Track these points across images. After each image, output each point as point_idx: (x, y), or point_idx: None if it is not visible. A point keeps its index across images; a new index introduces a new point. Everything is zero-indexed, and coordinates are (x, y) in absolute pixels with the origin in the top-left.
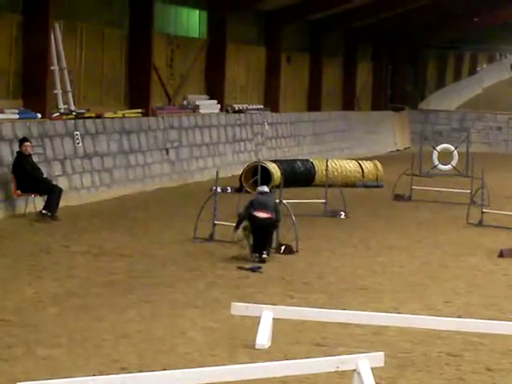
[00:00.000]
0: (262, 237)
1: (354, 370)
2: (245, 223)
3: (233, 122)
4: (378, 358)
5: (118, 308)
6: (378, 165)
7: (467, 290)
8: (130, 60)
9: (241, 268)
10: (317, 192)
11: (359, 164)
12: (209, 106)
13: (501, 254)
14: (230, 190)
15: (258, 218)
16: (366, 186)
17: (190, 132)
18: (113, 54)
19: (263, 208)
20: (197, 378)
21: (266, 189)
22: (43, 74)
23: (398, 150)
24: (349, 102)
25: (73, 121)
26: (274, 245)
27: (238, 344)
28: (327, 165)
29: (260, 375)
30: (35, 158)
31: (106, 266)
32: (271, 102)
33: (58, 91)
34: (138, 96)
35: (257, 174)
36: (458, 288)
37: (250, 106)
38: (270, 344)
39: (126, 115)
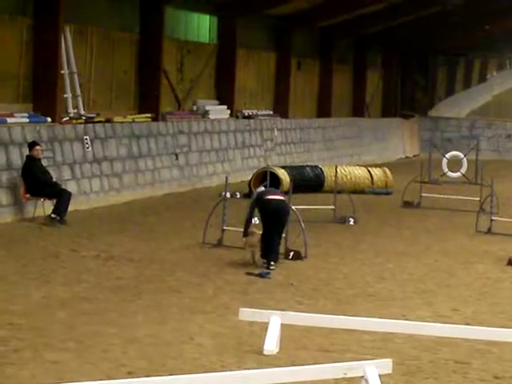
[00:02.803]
0: (274, 229)
1: (362, 377)
2: (253, 228)
3: (242, 128)
4: (385, 364)
5: (126, 313)
6: (388, 171)
7: (476, 298)
8: (140, 65)
9: (249, 274)
10: (326, 198)
11: (368, 171)
12: (218, 112)
13: (509, 262)
14: (239, 196)
15: (272, 200)
16: (375, 193)
17: (200, 137)
18: (123, 59)
19: (274, 193)
20: (204, 383)
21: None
22: (53, 78)
23: (408, 157)
24: (358, 109)
25: (82, 125)
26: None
27: (245, 349)
28: (336, 171)
29: (267, 381)
30: (44, 162)
31: (115, 271)
32: (281, 108)
33: (68, 95)
34: (147, 101)
35: (266, 179)
36: (467, 295)
37: (260, 112)
38: (277, 350)
39: (136, 120)
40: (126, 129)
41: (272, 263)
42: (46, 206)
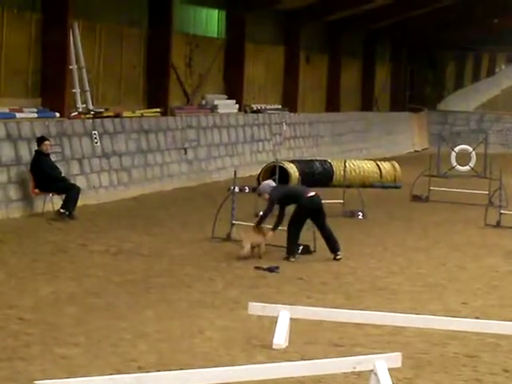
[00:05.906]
0: (319, 224)
1: (371, 371)
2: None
3: (251, 122)
4: (395, 358)
5: (135, 307)
6: (396, 165)
7: (485, 291)
8: (148, 59)
9: (258, 268)
10: (335, 192)
11: (377, 164)
12: (227, 106)
13: None
14: (247, 190)
15: (310, 197)
16: (383, 187)
17: (209, 132)
18: (131, 54)
19: (306, 190)
20: (214, 377)
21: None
22: (62, 73)
23: (416, 151)
24: (367, 103)
25: (91, 120)
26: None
27: (255, 344)
28: (345, 165)
29: (277, 375)
30: (53, 157)
31: (124, 266)
32: (290, 102)
33: (77, 90)
34: (156, 95)
35: (275, 174)
36: (476, 289)
37: (269, 106)
38: (287, 344)
39: (145, 115)
40: (134, 123)
41: (338, 252)
42: (55, 201)
